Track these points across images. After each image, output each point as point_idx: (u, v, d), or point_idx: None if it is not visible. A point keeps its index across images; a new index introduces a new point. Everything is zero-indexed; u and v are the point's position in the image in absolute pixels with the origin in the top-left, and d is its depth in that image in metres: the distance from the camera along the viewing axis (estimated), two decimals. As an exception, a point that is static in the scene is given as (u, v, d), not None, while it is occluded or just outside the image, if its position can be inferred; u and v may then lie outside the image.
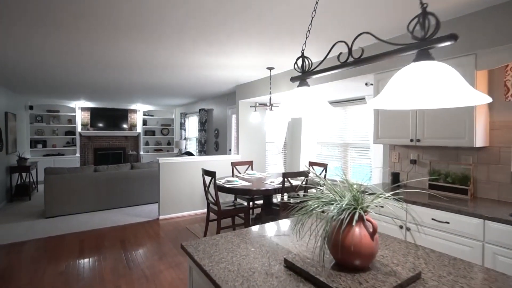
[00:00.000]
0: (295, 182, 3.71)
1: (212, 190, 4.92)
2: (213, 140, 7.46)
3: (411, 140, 2.63)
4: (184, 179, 4.79)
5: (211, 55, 3.40)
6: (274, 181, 3.73)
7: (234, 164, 4.66)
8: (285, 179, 3.38)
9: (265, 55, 3.40)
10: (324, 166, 4.52)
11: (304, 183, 3.57)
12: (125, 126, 9.28)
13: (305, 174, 3.52)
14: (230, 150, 6.63)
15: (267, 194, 3.45)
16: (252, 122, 5.48)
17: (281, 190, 3.41)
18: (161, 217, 4.60)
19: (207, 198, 3.67)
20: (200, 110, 7.72)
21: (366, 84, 3.26)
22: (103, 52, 3.30)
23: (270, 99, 3.92)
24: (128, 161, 9.40)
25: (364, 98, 4.57)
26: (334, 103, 5.10)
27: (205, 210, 5.03)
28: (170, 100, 8.25)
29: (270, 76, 3.96)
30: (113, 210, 5.05)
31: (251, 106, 3.90)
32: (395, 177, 2.99)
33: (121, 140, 9.40)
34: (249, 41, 2.91)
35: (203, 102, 8.04)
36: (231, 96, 6.54)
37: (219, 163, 5.13)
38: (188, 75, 4.55)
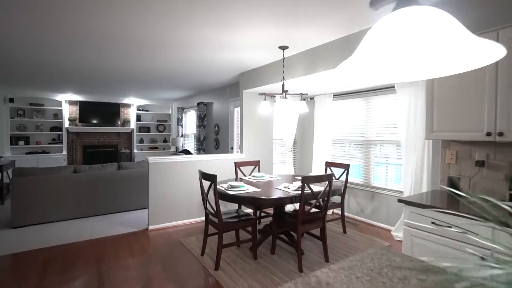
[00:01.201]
0: (316, 188, 2.98)
1: (212, 197, 4.19)
2: (213, 137, 6.72)
3: (488, 134, 1.90)
4: (179, 181, 4.06)
5: (210, 26, 2.66)
6: (288, 186, 3.00)
7: (237, 165, 3.93)
8: (305, 185, 2.65)
9: (280, 27, 2.66)
10: (345, 167, 3.80)
11: (327, 189, 2.84)
12: (117, 121, 8.55)
13: (329, 178, 2.79)
14: (232, 148, 5.90)
15: (282, 204, 2.72)
16: (261, 113, 4.75)
17: (300, 198, 2.68)
18: (150, 227, 3.87)
19: (206, 208, 2.94)
20: (198, 103, 6.98)
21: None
22: (81, 22, 2.56)
23: (283, 85, 3.18)
24: (120, 160, 8.67)
25: (393, 87, 3.84)
26: (350, 93, 4.37)
27: (203, 218, 4.30)
28: (166, 93, 7.51)
29: (284, 57, 3.22)
30: (95, 217, 4.32)
31: (259, 94, 3.17)
32: (453, 184, 2.26)
33: (113, 137, 8.67)
34: (260, 4, 2.17)
35: (201, 95, 7.30)
36: (233, 87, 5.80)
37: (219, 163, 4.40)
38: (184, 58, 3.81)
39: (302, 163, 5.44)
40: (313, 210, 3.58)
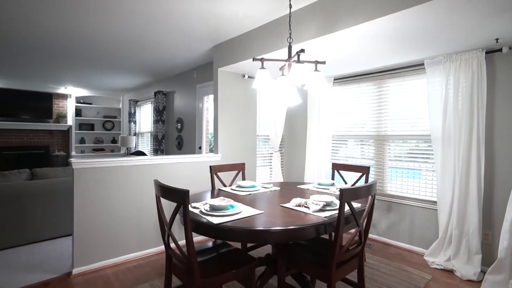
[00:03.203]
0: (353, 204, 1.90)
1: (178, 228, 2.90)
2: (174, 134, 5.36)
3: None
4: (125, 195, 2.71)
5: None
6: (306, 204, 1.87)
7: (214, 170, 2.71)
8: (346, 203, 1.54)
9: None
10: (364, 170, 2.80)
11: (371, 204, 1.78)
12: (48, 116, 6.70)
13: (372, 189, 1.73)
14: (200, 148, 4.63)
15: (305, 238, 1.58)
16: (244, 97, 3.58)
17: (336, 226, 1.57)
18: (76, 269, 2.45)
19: (168, 246, 1.69)
20: (156, 93, 5.57)
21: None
22: None
23: (290, 47, 2.06)
24: (53, 165, 6.82)
25: (421, 65, 2.95)
26: (356, 77, 3.41)
27: (162, 247, 2.98)
28: (115, 81, 5.95)
29: (290, 5, 2.11)
30: (-13, 256, 2.76)
31: (254, 60, 2.01)
32: None
33: (43, 135, 6.79)
34: None
35: (160, 83, 5.89)
36: (202, 70, 4.55)
37: (187, 168, 3.13)
38: (133, 12, 2.49)
39: (290, 166, 4.38)
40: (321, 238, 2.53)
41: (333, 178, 3.06)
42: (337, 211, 1.75)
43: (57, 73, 5.25)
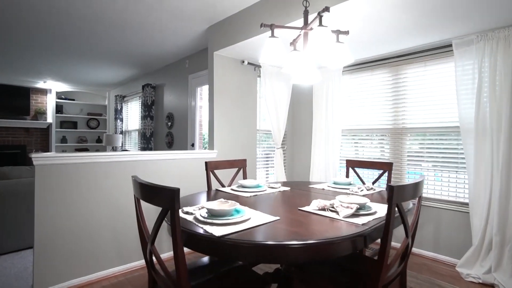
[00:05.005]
0: (376, 206, 1.48)
1: (165, 242, 2.44)
2: (164, 131, 4.89)
3: None
4: (99, 199, 2.24)
5: None
6: (333, 206, 1.44)
7: (211, 167, 2.26)
8: (395, 205, 1.13)
9: None
10: (386, 167, 2.40)
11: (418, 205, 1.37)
12: (25, 112, 6.13)
13: (421, 188, 1.32)
14: (193, 145, 4.17)
15: (340, 254, 1.15)
16: (241, 84, 3.14)
17: (384, 235, 1.15)
18: (38, 292, 1.97)
19: (150, 267, 1.24)
20: (144, 86, 5.09)
21: None
22: None
23: (306, 12, 1.66)
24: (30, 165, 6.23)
25: (449, 45, 2.57)
26: (368, 64, 3.02)
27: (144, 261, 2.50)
28: (99, 74, 5.44)
29: (306, -39, 1.72)
30: None
31: (262, 27, 1.59)
32: None
33: (19, 133, 6.21)
34: None
35: (148, 76, 5.41)
36: (196, 58, 4.10)
37: (177, 166, 2.68)
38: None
39: (293, 164, 3.96)
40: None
41: (347, 177, 2.66)
42: (374, 217, 1.34)
43: (32, 62, 4.72)
